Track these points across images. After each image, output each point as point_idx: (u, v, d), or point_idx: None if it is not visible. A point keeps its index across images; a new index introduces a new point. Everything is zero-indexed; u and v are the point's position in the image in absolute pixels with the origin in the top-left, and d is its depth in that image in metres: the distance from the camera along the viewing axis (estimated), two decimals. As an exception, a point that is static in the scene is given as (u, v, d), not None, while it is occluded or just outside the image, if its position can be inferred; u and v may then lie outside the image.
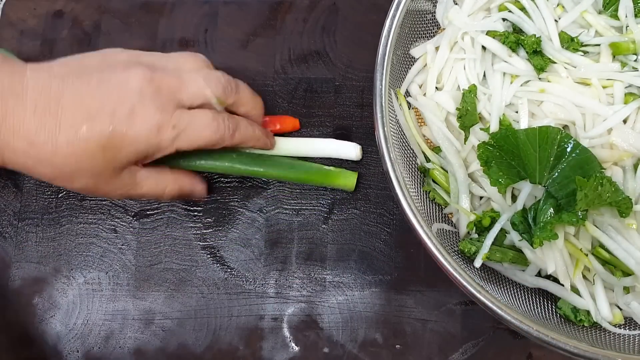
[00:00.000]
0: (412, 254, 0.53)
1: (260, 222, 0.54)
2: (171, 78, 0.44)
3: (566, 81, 0.46)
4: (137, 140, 0.42)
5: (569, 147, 0.41)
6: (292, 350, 0.52)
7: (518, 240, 0.44)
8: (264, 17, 0.59)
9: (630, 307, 0.44)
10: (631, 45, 0.46)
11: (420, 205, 0.47)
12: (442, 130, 0.48)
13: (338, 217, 0.54)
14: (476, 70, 0.49)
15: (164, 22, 0.60)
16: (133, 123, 0.42)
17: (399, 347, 0.51)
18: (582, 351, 0.39)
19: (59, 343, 0.52)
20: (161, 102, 0.43)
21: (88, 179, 0.43)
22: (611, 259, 0.43)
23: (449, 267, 0.42)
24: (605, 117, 0.44)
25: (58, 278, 0.54)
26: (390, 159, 0.44)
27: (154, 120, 0.42)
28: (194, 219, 0.54)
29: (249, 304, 0.53)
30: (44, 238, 0.54)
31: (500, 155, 0.43)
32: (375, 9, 0.59)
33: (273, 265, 0.53)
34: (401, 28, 0.48)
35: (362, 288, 0.52)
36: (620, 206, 0.41)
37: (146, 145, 0.43)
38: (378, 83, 0.46)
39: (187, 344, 0.52)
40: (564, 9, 0.49)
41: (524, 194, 0.44)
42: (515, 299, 0.45)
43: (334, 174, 0.53)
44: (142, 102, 0.42)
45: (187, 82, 0.45)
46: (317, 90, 0.57)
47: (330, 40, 0.58)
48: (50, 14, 0.60)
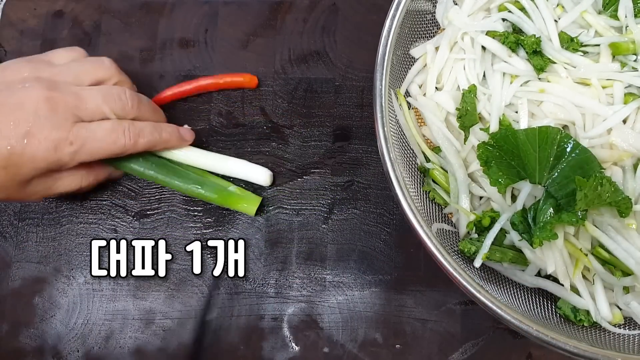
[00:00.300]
0: (412, 254, 0.53)
1: (260, 222, 0.54)
2: (69, 96, 0.45)
3: (566, 81, 0.46)
4: (35, 159, 0.44)
5: (569, 147, 0.41)
6: (292, 350, 0.52)
7: (518, 240, 0.44)
8: (264, 17, 0.59)
9: (629, 307, 0.44)
10: (631, 46, 0.46)
11: (420, 205, 0.47)
12: (442, 130, 0.48)
13: (338, 217, 0.54)
14: (476, 70, 0.49)
15: (164, 22, 0.60)
16: (30, 143, 0.43)
17: (399, 347, 0.51)
18: (582, 351, 0.40)
19: (59, 343, 0.52)
20: (57, 121, 0.44)
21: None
22: (611, 259, 0.43)
23: (449, 267, 0.42)
24: (605, 117, 0.44)
25: (58, 278, 0.54)
26: (390, 159, 0.44)
27: (50, 138, 0.43)
28: (194, 219, 0.54)
29: (249, 304, 0.53)
30: (44, 238, 0.54)
31: (500, 155, 0.43)
32: (375, 9, 0.59)
33: (273, 265, 0.53)
34: (401, 28, 0.48)
35: (362, 288, 0.53)
36: (620, 206, 0.41)
37: (45, 162, 0.44)
38: (378, 83, 0.46)
39: (187, 344, 0.52)
40: (563, 9, 0.49)
41: (523, 194, 0.44)
42: (515, 299, 0.45)
43: (235, 196, 0.52)
44: (38, 122, 0.43)
45: (86, 99, 0.46)
46: (317, 90, 0.57)
47: (330, 40, 0.58)
48: (50, 14, 0.60)
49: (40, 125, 0.43)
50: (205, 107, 0.57)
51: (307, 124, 0.56)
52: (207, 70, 0.58)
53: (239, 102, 0.57)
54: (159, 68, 0.58)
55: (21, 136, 0.43)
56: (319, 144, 0.56)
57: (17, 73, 0.46)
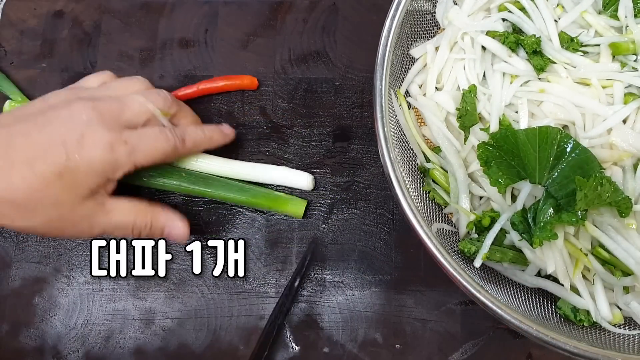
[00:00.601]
0: (412, 254, 0.53)
1: (260, 222, 0.54)
2: (112, 103, 0.46)
3: (566, 81, 0.46)
4: (93, 161, 0.43)
5: (569, 147, 0.41)
6: (292, 350, 0.52)
7: (518, 240, 0.44)
8: (264, 17, 0.59)
9: (629, 307, 0.44)
10: (631, 46, 0.46)
11: (420, 205, 0.47)
12: (442, 130, 0.48)
13: (338, 217, 0.54)
14: (476, 70, 0.49)
15: (164, 22, 0.60)
16: (85, 146, 0.43)
17: (399, 347, 0.51)
18: (582, 351, 0.40)
19: (59, 343, 0.52)
20: (107, 124, 0.44)
21: (50, 210, 0.43)
22: (611, 259, 0.43)
23: (449, 267, 0.42)
24: (605, 117, 0.45)
25: (58, 278, 0.54)
26: (390, 159, 0.44)
27: (105, 139, 0.43)
28: (194, 219, 0.54)
29: (249, 304, 0.53)
30: (44, 238, 0.54)
31: (500, 155, 0.43)
32: (375, 9, 0.59)
33: (273, 265, 0.53)
34: (401, 28, 0.48)
35: (362, 288, 0.53)
36: (620, 206, 0.41)
37: (102, 164, 0.43)
38: (378, 83, 0.46)
39: (187, 344, 0.52)
40: (563, 9, 0.49)
41: (523, 194, 0.45)
42: (515, 299, 0.45)
43: (282, 200, 0.53)
44: (90, 127, 0.43)
45: (129, 102, 0.47)
46: (317, 90, 0.57)
47: (330, 40, 0.58)
48: (50, 14, 0.60)
49: (92, 129, 0.43)
50: (205, 107, 0.57)
51: (307, 124, 0.56)
52: (207, 70, 0.58)
53: (239, 102, 0.57)
54: (159, 68, 0.58)
55: (75, 141, 0.43)
56: (319, 144, 0.56)
57: (58, 97, 0.46)
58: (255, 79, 0.57)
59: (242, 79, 0.57)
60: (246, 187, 0.53)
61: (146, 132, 0.46)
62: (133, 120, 0.46)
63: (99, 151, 0.43)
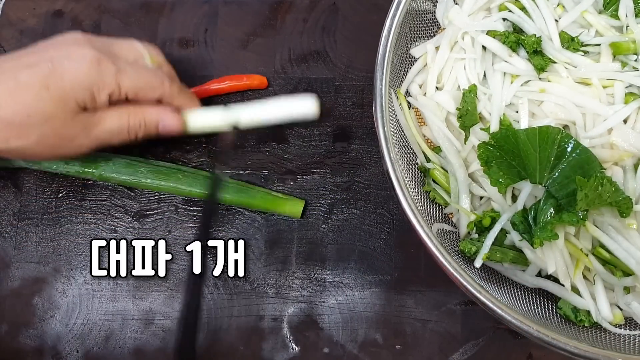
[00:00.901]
0: (412, 254, 0.53)
1: (260, 222, 0.54)
2: (104, 40, 0.47)
3: (566, 81, 0.46)
4: (78, 73, 0.43)
5: (569, 147, 0.41)
6: (292, 351, 0.51)
7: (518, 240, 0.44)
8: (264, 17, 0.59)
9: (630, 307, 0.44)
10: (631, 45, 0.46)
11: (421, 205, 0.47)
12: (442, 130, 0.48)
13: (338, 217, 0.54)
14: (476, 70, 0.49)
15: (164, 22, 0.59)
16: (71, 59, 0.43)
17: (399, 347, 0.51)
18: (583, 351, 0.39)
19: (59, 343, 0.52)
20: (96, 47, 0.45)
21: (43, 126, 0.43)
22: (611, 259, 0.43)
23: (449, 267, 0.42)
24: (606, 117, 0.44)
25: (58, 278, 0.54)
26: (390, 159, 0.44)
27: (91, 54, 0.44)
28: (194, 219, 0.54)
29: (249, 304, 0.52)
30: (44, 238, 0.54)
31: (500, 155, 0.43)
32: (375, 9, 0.59)
33: (273, 265, 0.53)
34: (401, 28, 0.48)
35: (362, 288, 0.52)
36: (621, 206, 0.41)
37: (87, 77, 0.43)
38: (378, 83, 0.46)
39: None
40: (564, 9, 0.49)
41: (524, 194, 0.44)
42: (515, 299, 0.45)
43: (280, 200, 0.53)
44: (78, 44, 0.45)
45: (119, 40, 0.48)
46: (317, 90, 0.57)
47: (330, 40, 0.58)
48: (50, 14, 0.60)
49: (81, 46, 0.44)
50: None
51: (307, 123, 0.56)
52: (207, 70, 0.58)
53: (239, 101, 0.57)
54: (159, 68, 0.58)
55: (63, 55, 0.43)
56: (319, 144, 0.56)
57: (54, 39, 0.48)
58: (265, 79, 0.57)
59: (251, 79, 0.56)
60: (243, 188, 0.53)
61: (134, 63, 0.47)
62: (121, 54, 0.47)
63: (85, 64, 0.43)
